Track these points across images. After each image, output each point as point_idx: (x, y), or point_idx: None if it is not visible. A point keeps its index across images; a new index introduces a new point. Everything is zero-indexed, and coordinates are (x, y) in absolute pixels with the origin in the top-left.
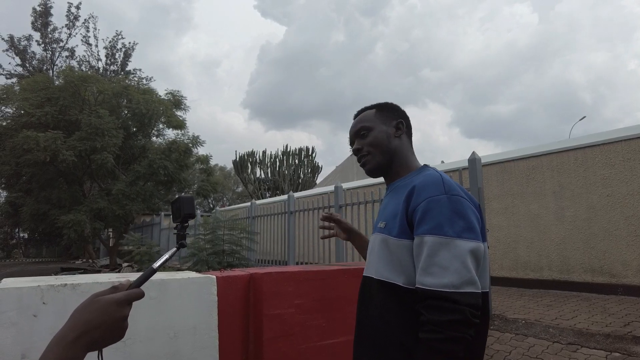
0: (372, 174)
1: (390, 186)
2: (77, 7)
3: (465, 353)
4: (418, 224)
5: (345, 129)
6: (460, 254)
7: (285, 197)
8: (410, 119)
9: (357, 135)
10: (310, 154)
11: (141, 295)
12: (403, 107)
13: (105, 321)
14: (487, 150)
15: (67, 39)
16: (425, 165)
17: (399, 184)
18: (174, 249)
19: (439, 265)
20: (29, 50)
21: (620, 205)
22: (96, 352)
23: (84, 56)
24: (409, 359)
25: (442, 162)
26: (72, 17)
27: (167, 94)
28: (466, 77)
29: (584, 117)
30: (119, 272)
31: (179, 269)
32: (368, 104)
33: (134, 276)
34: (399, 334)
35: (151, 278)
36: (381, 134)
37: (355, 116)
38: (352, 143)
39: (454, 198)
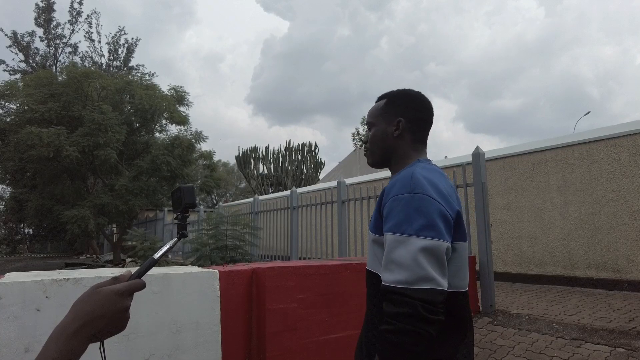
0: (372, 166)
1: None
2: (80, 3)
3: (423, 348)
4: (384, 222)
5: (350, 124)
6: (413, 251)
7: (288, 192)
8: (424, 110)
9: (366, 125)
10: (313, 149)
11: (142, 286)
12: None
13: (106, 312)
14: (492, 146)
15: (70, 35)
16: (418, 160)
17: (390, 180)
18: (175, 239)
19: (395, 262)
20: (32, 46)
21: (626, 200)
22: (97, 343)
23: (87, 52)
24: None
25: (446, 157)
26: (74, 13)
27: (170, 89)
28: (472, 71)
29: (589, 112)
30: (122, 267)
31: (182, 264)
32: (381, 94)
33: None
34: (377, 324)
35: (154, 273)
36: (380, 133)
37: (376, 100)
38: None
39: (417, 196)
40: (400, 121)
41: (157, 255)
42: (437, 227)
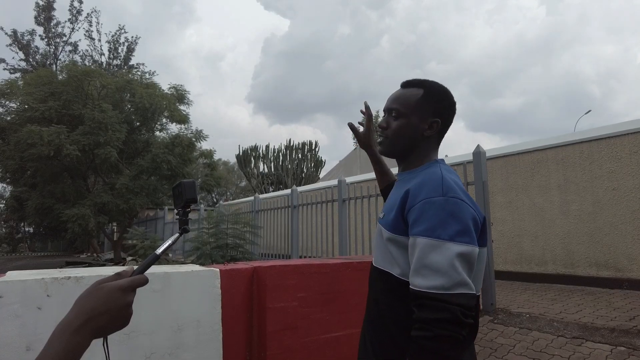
0: (383, 155)
1: (399, 175)
2: (80, 2)
3: (457, 352)
4: (412, 224)
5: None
6: (450, 256)
7: (288, 191)
8: (454, 112)
9: (389, 111)
10: (313, 148)
11: (145, 282)
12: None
13: (110, 308)
14: (493, 144)
15: (70, 34)
16: (436, 161)
17: (406, 177)
18: (177, 234)
19: (430, 268)
20: (32, 45)
21: (627, 199)
22: (101, 339)
23: (87, 50)
24: (396, 350)
25: (446, 155)
26: (74, 12)
27: (170, 88)
28: (472, 70)
29: (589, 110)
30: (123, 265)
31: (182, 263)
32: (416, 78)
33: None
34: (389, 323)
35: (155, 271)
36: (410, 127)
37: (403, 84)
38: (384, 112)
39: (451, 200)
40: (436, 123)
41: (159, 250)
42: (471, 233)
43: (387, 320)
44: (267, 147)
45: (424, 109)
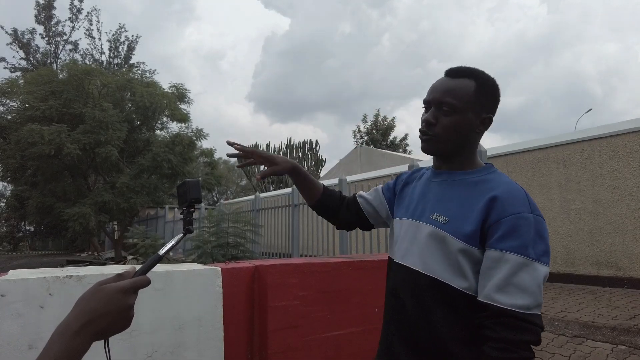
0: (428, 153)
1: (447, 174)
2: (80, 0)
3: None
4: (501, 238)
5: (351, 122)
6: (538, 277)
7: (289, 190)
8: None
9: (438, 105)
10: (314, 147)
11: (147, 283)
12: (410, 101)
13: (111, 310)
14: (493, 143)
15: (71, 32)
16: (491, 165)
17: (465, 178)
18: (180, 235)
19: (517, 286)
20: (32, 44)
21: (627, 198)
22: (102, 341)
23: (88, 49)
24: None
25: None
26: (75, 11)
27: (170, 87)
28: None
29: (590, 109)
30: (124, 264)
31: (183, 262)
32: (464, 66)
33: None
34: (444, 336)
35: (157, 270)
36: (466, 124)
37: (450, 73)
38: (428, 104)
39: (538, 219)
40: (489, 119)
41: (162, 251)
42: (550, 254)
43: (440, 330)
44: (268, 145)
45: (479, 104)
